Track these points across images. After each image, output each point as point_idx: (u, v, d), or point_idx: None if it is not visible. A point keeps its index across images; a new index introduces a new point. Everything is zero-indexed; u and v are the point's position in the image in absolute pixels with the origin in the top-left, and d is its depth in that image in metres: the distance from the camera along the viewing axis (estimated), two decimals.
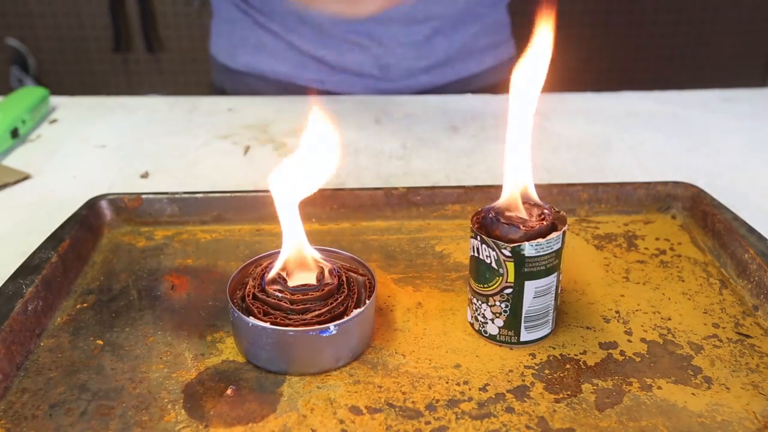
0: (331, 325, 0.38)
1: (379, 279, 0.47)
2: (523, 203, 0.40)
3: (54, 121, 0.77)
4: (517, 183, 0.40)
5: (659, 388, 0.37)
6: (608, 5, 2.13)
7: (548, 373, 0.39)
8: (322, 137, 0.40)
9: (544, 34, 0.38)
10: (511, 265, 0.38)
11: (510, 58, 0.94)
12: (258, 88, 0.89)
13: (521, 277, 0.38)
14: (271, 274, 0.40)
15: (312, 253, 0.41)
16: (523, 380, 0.38)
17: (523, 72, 0.39)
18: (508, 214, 0.40)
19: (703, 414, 0.36)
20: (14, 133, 0.70)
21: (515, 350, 0.40)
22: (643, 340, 0.41)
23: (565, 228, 0.39)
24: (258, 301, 0.40)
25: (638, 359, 0.40)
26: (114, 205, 0.53)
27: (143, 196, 0.53)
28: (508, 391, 0.37)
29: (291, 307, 0.39)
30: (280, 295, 0.39)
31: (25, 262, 0.44)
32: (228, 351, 0.40)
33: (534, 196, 0.40)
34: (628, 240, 0.52)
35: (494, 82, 0.92)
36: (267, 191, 0.55)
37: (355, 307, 0.40)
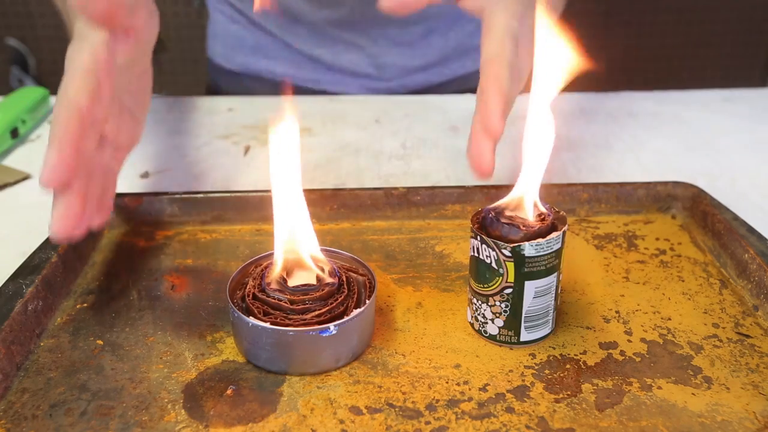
0: (331, 325, 0.38)
1: (379, 279, 0.47)
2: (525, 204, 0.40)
3: None
4: (529, 184, 0.40)
5: (659, 388, 0.37)
6: (608, 6, 2.13)
7: (548, 373, 0.39)
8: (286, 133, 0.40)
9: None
10: (511, 265, 0.38)
11: None
12: (255, 89, 0.89)
13: (521, 277, 0.38)
14: (276, 269, 0.40)
15: (314, 253, 0.41)
16: (523, 380, 0.38)
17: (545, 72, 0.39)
18: (508, 214, 0.40)
19: (703, 414, 0.36)
20: (14, 133, 0.70)
21: (515, 350, 0.40)
22: (643, 340, 0.41)
23: (565, 228, 0.39)
24: (258, 301, 0.40)
25: (638, 359, 0.40)
26: (114, 205, 0.53)
27: (143, 196, 0.53)
28: (508, 391, 0.37)
29: (291, 307, 0.39)
30: (280, 295, 0.39)
31: (25, 262, 0.44)
32: (228, 351, 0.40)
33: (536, 197, 0.40)
34: (628, 240, 0.52)
35: None
36: (267, 191, 0.55)
37: (355, 307, 0.40)
